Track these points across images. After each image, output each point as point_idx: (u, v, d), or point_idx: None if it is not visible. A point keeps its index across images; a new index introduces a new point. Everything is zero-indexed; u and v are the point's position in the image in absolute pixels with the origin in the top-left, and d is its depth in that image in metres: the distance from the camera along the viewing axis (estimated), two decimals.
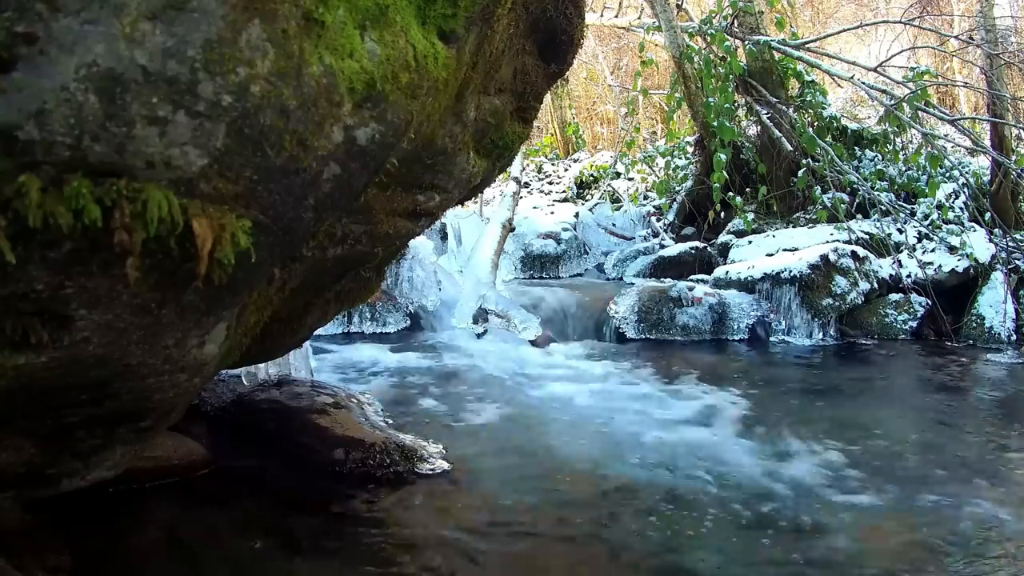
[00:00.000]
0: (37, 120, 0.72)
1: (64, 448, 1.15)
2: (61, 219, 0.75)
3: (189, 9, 0.76)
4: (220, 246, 0.86)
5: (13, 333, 0.84)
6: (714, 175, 5.99)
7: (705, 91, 6.24)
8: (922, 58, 9.71)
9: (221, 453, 2.18)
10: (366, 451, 2.19)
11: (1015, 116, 6.70)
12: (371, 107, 0.97)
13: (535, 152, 10.89)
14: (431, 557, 1.69)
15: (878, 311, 5.02)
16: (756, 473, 2.30)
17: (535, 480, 2.20)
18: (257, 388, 2.54)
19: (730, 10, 6.43)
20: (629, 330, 4.64)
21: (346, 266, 1.58)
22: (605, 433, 2.66)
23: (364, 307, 4.32)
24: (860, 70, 6.51)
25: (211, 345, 1.12)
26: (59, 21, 0.71)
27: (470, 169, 1.65)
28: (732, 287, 5.00)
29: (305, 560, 1.66)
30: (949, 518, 2.03)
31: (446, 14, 1.13)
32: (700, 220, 6.81)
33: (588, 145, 12.34)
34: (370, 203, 1.42)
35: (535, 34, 1.69)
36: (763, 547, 1.81)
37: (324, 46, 0.88)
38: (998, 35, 6.19)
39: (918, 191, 5.82)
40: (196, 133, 0.80)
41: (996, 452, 2.66)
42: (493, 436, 2.60)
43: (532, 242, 6.76)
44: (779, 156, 6.34)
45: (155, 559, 1.66)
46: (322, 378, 2.88)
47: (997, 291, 5.01)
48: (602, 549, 1.79)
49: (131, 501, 1.84)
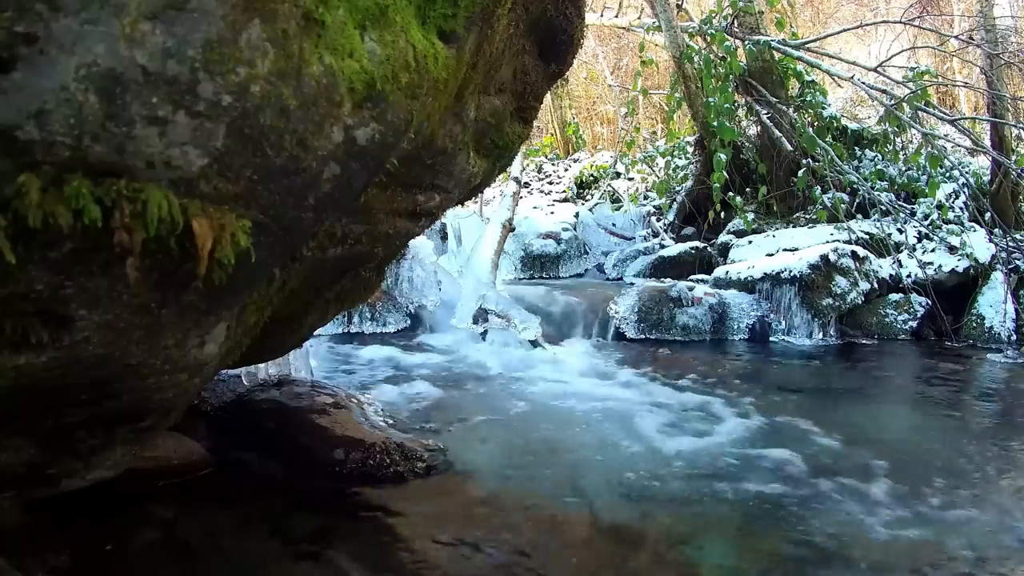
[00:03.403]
0: (37, 120, 0.72)
1: (64, 448, 1.15)
2: (61, 219, 0.75)
3: (189, 9, 0.76)
4: (220, 246, 0.86)
5: (13, 333, 0.84)
6: (714, 175, 5.99)
7: (705, 91, 6.24)
8: (922, 58, 9.71)
9: (221, 453, 2.18)
10: (366, 451, 2.19)
11: (1015, 116, 6.69)
12: (371, 107, 0.97)
13: (535, 152, 10.89)
14: (431, 557, 1.69)
15: (878, 311, 5.02)
16: (756, 473, 2.30)
17: (535, 480, 2.20)
18: (257, 388, 2.54)
19: (730, 10, 6.43)
20: (629, 330, 4.64)
21: (346, 266, 1.58)
22: (605, 433, 2.66)
23: (364, 307, 4.32)
24: (860, 70, 6.51)
25: (211, 345, 1.12)
26: (59, 21, 0.71)
27: (470, 169, 1.65)
28: (732, 287, 5.00)
29: (305, 560, 1.66)
30: (949, 518, 2.03)
31: (446, 14, 1.13)
32: (700, 220, 6.81)
33: (588, 145, 12.34)
34: (370, 203, 1.42)
35: (535, 34, 1.69)
36: (762, 545, 1.81)
37: (324, 46, 0.88)
38: (998, 35, 6.18)
39: (918, 191, 5.82)
40: (196, 133, 0.80)
41: (996, 452, 2.66)
42: (493, 436, 2.60)
43: (532, 242, 6.76)
44: (779, 156, 6.34)
45: (155, 559, 1.65)
46: (322, 378, 2.88)
47: (997, 291, 5.01)
48: (603, 549, 1.79)
49: (131, 501, 1.84)
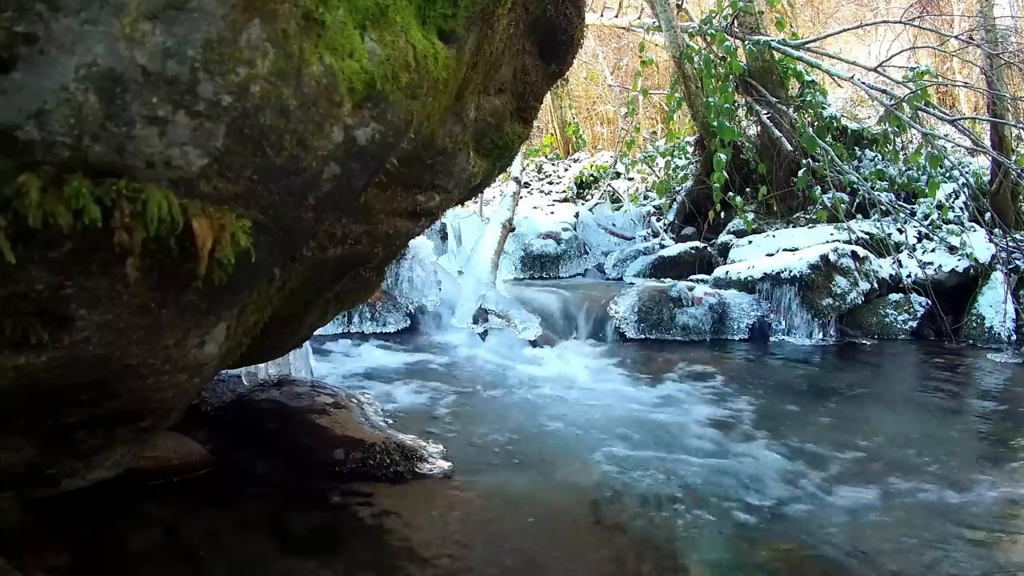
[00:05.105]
0: (37, 120, 0.72)
1: (64, 448, 1.15)
2: (61, 219, 0.75)
3: (189, 9, 0.76)
4: (220, 246, 0.86)
5: (13, 333, 0.84)
6: (714, 175, 5.99)
7: (705, 91, 6.24)
8: (922, 58, 9.71)
9: (221, 453, 2.18)
10: (366, 451, 2.19)
11: (1015, 116, 6.69)
12: (371, 107, 0.97)
13: (535, 152, 10.88)
14: (431, 557, 1.69)
15: (878, 311, 5.02)
16: (756, 472, 2.30)
17: (535, 480, 2.20)
18: (257, 388, 2.54)
19: (730, 10, 6.43)
20: (629, 330, 4.64)
21: (346, 266, 1.58)
22: (605, 433, 2.66)
23: (364, 307, 4.32)
24: (860, 70, 6.51)
25: (211, 345, 1.12)
26: (59, 21, 0.71)
27: (470, 169, 1.65)
28: (732, 287, 5.00)
29: (305, 560, 1.66)
30: (949, 518, 2.03)
31: (446, 14, 1.13)
32: (700, 220, 6.81)
33: (588, 145, 12.33)
34: (370, 203, 1.42)
35: (535, 34, 1.69)
36: (762, 545, 1.81)
37: (324, 46, 0.88)
38: (998, 35, 6.19)
39: (918, 191, 5.82)
40: (196, 133, 0.80)
41: (996, 452, 2.66)
42: (493, 436, 2.60)
43: (532, 242, 6.76)
44: (779, 156, 6.34)
45: (155, 559, 1.65)
46: (322, 378, 2.88)
47: (997, 291, 5.01)
48: (603, 549, 1.79)
49: (131, 501, 1.84)
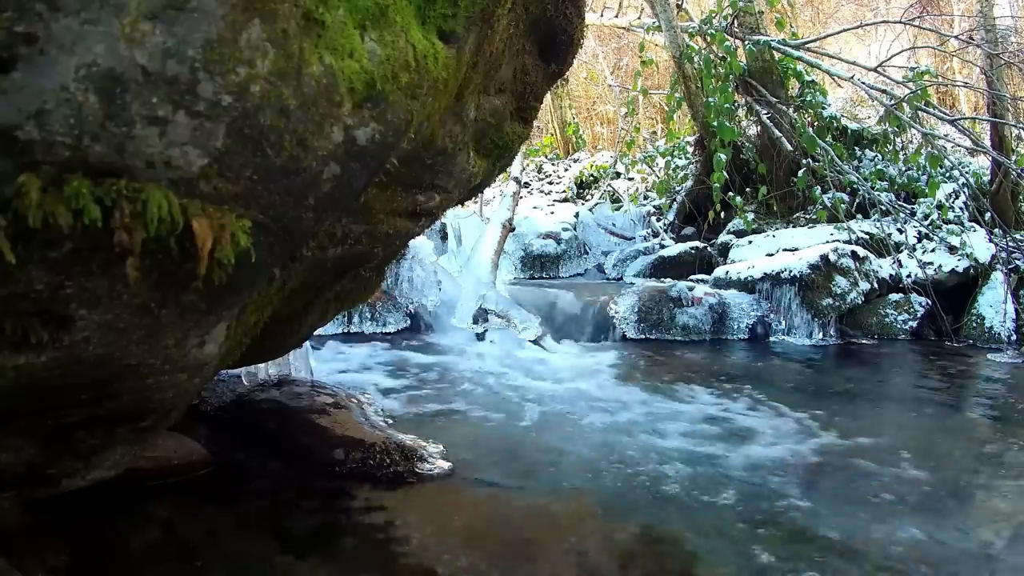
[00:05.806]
0: (37, 120, 0.72)
1: (64, 448, 1.15)
2: (61, 219, 0.75)
3: (189, 9, 0.76)
4: (220, 246, 0.86)
5: (13, 333, 0.84)
6: (714, 175, 5.99)
7: (705, 91, 6.24)
8: (922, 58, 9.71)
9: (221, 453, 2.18)
10: (366, 451, 2.19)
11: (1015, 116, 6.69)
12: (371, 107, 0.97)
13: (535, 152, 10.88)
14: (431, 557, 1.69)
15: (878, 311, 5.02)
16: (757, 473, 2.30)
17: (535, 480, 2.20)
18: (257, 388, 2.54)
19: (730, 10, 6.43)
20: (629, 330, 4.64)
21: (346, 266, 1.58)
22: (605, 433, 2.66)
23: (364, 307, 4.32)
24: (860, 70, 6.51)
25: (211, 345, 1.12)
26: (59, 21, 0.71)
27: (470, 169, 1.65)
28: (732, 287, 5.00)
29: (305, 560, 1.66)
30: (948, 518, 2.03)
31: (446, 14, 1.13)
32: (700, 220, 6.81)
33: (588, 145, 12.34)
34: (370, 203, 1.42)
35: (535, 34, 1.69)
36: (761, 545, 1.81)
37: (324, 46, 0.88)
38: (998, 35, 6.19)
39: (918, 191, 5.82)
40: (196, 133, 0.80)
41: (996, 452, 2.66)
42: (493, 436, 2.59)
43: (532, 242, 6.76)
44: (779, 156, 6.34)
45: (155, 559, 1.65)
46: (322, 378, 2.88)
47: (997, 291, 5.02)
48: (603, 549, 1.79)
49: (131, 501, 1.84)
